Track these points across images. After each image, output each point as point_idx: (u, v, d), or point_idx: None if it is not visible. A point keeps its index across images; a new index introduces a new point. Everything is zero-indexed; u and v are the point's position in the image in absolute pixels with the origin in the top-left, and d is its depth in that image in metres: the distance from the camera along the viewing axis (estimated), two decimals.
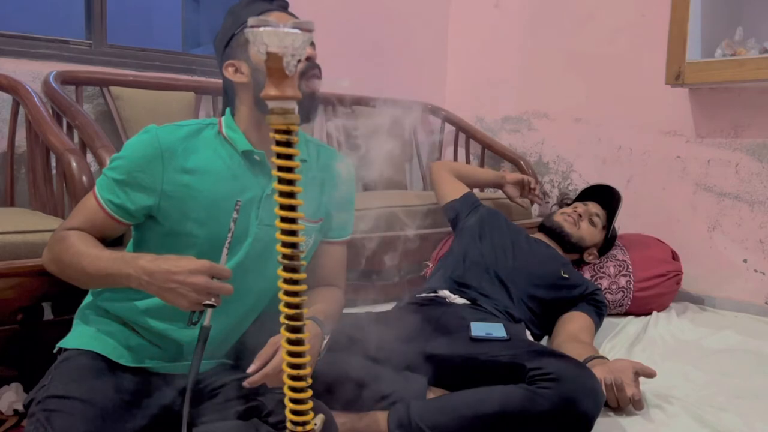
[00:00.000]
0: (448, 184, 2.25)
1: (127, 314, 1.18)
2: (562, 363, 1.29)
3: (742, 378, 1.69)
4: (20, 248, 1.47)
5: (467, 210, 2.14)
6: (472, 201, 2.18)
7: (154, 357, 1.18)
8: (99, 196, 1.16)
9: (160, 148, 1.14)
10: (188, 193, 1.15)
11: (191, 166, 1.16)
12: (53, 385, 1.07)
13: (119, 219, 1.17)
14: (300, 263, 0.92)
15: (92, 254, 1.10)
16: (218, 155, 1.19)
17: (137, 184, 1.14)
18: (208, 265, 1.01)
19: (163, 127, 1.18)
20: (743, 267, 2.42)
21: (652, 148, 2.66)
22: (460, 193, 2.21)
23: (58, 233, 1.17)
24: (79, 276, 1.12)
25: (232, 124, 1.21)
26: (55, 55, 2.25)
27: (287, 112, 0.86)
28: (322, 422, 1.00)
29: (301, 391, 0.94)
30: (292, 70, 0.85)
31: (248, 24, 0.80)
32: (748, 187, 2.40)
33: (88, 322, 1.21)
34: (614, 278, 2.28)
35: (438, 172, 2.30)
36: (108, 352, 1.14)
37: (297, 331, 0.92)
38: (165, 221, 1.17)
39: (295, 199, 0.89)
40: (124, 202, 1.15)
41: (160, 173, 1.14)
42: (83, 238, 1.15)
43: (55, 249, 1.15)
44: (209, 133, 1.20)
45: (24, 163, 2.02)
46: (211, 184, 1.16)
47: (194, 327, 1.07)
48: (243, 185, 1.18)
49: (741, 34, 2.30)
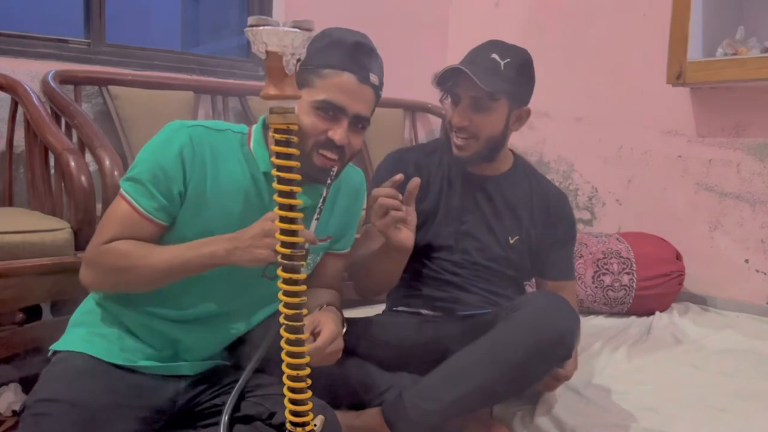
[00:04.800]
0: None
1: (131, 314, 1.18)
2: (532, 294, 1.37)
3: (744, 378, 1.68)
4: (19, 248, 1.47)
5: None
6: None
7: (149, 358, 1.17)
8: (134, 202, 1.10)
9: (192, 147, 1.11)
10: (204, 201, 1.12)
11: (214, 175, 1.13)
12: (43, 388, 1.06)
13: (155, 219, 1.11)
14: (300, 263, 0.92)
15: (157, 251, 1.08)
16: (241, 169, 1.15)
17: (167, 178, 1.10)
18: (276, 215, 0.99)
19: (194, 126, 1.14)
20: (744, 267, 2.41)
21: (653, 147, 2.65)
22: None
23: (97, 249, 1.11)
24: (145, 277, 1.08)
25: (260, 140, 1.18)
26: (54, 54, 2.25)
27: (287, 112, 0.86)
28: (322, 423, 1.00)
29: (301, 392, 0.93)
30: (292, 69, 0.85)
31: (248, 23, 0.79)
32: (750, 186, 2.39)
33: (80, 325, 1.19)
34: (617, 275, 2.27)
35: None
36: (100, 353, 1.12)
37: (297, 332, 0.92)
38: (180, 222, 1.13)
39: (294, 198, 0.89)
40: (160, 201, 1.10)
41: (188, 172, 1.11)
42: (134, 242, 1.10)
43: (105, 262, 1.10)
44: (236, 144, 1.16)
45: (22, 162, 2.01)
46: (227, 198, 1.14)
47: (269, 280, 1.02)
48: (257, 203, 1.15)
49: (742, 33, 2.29)
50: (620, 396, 1.53)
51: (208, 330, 1.21)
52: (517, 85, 1.41)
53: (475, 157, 1.45)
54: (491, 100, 1.40)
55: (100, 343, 1.14)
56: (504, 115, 1.43)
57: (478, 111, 1.41)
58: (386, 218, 1.22)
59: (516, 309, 1.28)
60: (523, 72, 1.43)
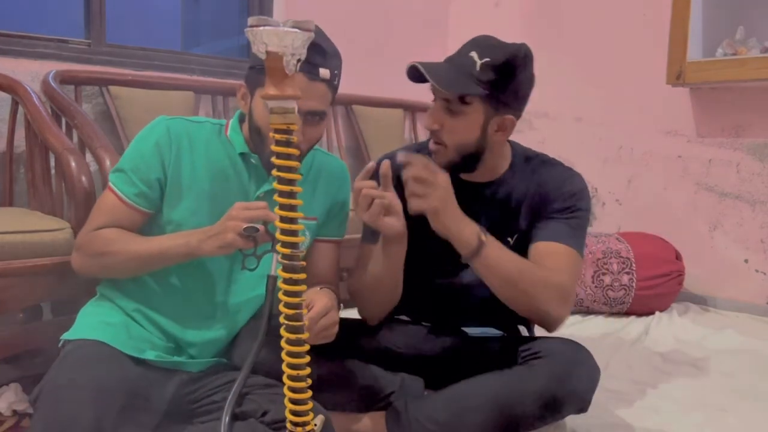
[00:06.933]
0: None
1: (135, 308, 1.24)
2: (553, 342, 1.27)
3: (743, 378, 1.68)
4: (19, 248, 1.47)
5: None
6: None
7: (156, 348, 1.21)
8: (117, 190, 1.21)
9: (169, 137, 1.22)
10: (184, 184, 1.22)
11: (191, 160, 1.23)
12: (59, 375, 1.08)
13: (139, 208, 1.22)
14: (300, 263, 0.92)
15: (139, 239, 1.19)
16: (218, 153, 1.25)
17: (147, 166, 1.21)
18: (245, 204, 1.11)
19: (174, 119, 1.25)
20: (744, 267, 2.41)
21: (653, 147, 2.65)
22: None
23: (86, 236, 1.22)
24: (128, 262, 1.18)
25: (236, 127, 1.28)
26: (54, 54, 2.25)
27: (287, 112, 0.86)
28: (322, 423, 1.00)
29: (301, 392, 0.93)
30: (292, 69, 0.85)
31: (248, 23, 0.79)
32: (749, 187, 2.39)
33: (89, 315, 1.24)
34: (617, 275, 2.27)
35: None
36: (110, 339, 1.16)
37: (297, 332, 0.92)
38: (165, 206, 1.22)
39: (295, 199, 0.89)
40: (140, 188, 1.21)
41: (165, 159, 1.21)
42: (119, 230, 1.21)
43: (94, 247, 1.21)
44: (214, 132, 1.27)
45: (23, 162, 2.01)
46: (206, 179, 1.23)
47: (249, 271, 1.12)
48: (237, 184, 1.25)
49: (742, 33, 2.29)
50: (620, 396, 1.53)
51: (207, 326, 1.25)
52: (495, 88, 1.23)
53: (450, 165, 1.28)
54: (461, 104, 1.24)
55: (110, 331, 1.18)
56: (478, 121, 1.25)
57: (448, 114, 1.26)
58: (373, 208, 1.17)
59: (536, 356, 1.22)
60: (506, 74, 1.23)
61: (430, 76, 1.22)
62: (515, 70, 1.24)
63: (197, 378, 1.23)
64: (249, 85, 1.22)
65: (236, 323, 1.27)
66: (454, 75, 1.23)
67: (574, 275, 1.29)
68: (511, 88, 1.25)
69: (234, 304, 1.25)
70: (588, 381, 1.22)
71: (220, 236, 1.09)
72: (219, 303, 1.25)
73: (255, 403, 1.12)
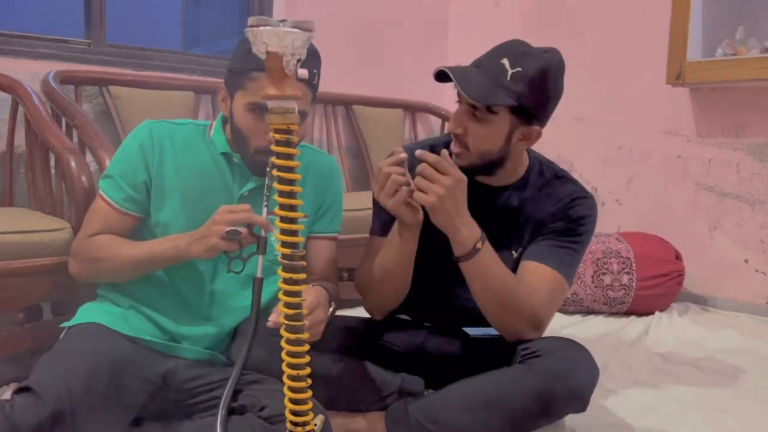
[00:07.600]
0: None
1: (131, 305, 1.27)
2: (553, 341, 1.27)
3: (743, 378, 1.69)
4: (19, 248, 1.47)
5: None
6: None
7: (153, 335, 1.25)
8: (106, 197, 1.25)
9: (152, 139, 1.25)
10: (169, 185, 1.25)
11: (174, 161, 1.26)
12: (58, 347, 1.16)
13: (129, 212, 1.25)
14: (300, 263, 0.92)
15: (131, 244, 1.23)
16: (201, 153, 1.29)
17: (133, 170, 1.24)
18: (229, 207, 1.14)
19: (157, 122, 1.29)
20: (744, 267, 2.41)
21: (652, 147, 2.65)
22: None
23: (81, 242, 1.26)
24: (121, 267, 1.22)
25: (219, 128, 1.31)
26: (54, 54, 2.25)
27: (287, 112, 0.86)
28: (322, 423, 1.00)
29: (301, 391, 0.93)
30: (292, 69, 0.85)
31: (248, 23, 0.79)
32: (749, 187, 2.39)
33: (90, 308, 1.29)
34: (617, 275, 2.27)
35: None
36: (108, 321, 1.22)
37: (297, 332, 0.92)
38: (152, 207, 1.26)
39: (295, 198, 0.89)
40: (128, 192, 1.24)
41: (149, 161, 1.25)
42: (112, 236, 1.25)
43: (89, 253, 1.24)
44: (198, 133, 1.31)
45: (23, 162, 2.01)
46: (190, 179, 1.26)
47: (235, 274, 1.15)
48: (221, 184, 1.28)
49: (742, 33, 2.29)
50: (620, 396, 1.53)
51: (197, 322, 1.27)
52: (524, 99, 1.21)
53: (471, 168, 1.27)
54: (488, 112, 1.22)
55: (109, 318, 1.24)
56: (504, 130, 1.25)
57: (473, 119, 1.24)
58: (399, 195, 1.16)
59: (536, 355, 1.22)
60: (538, 85, 1.22)
61: (459, 84, 1.20)
62: (547, 83, 1.23)
63: (193, 365, 1.24)
64: (228, 87, 1.23)
65: (225, 320, 1.28)
66: (483, 83, 1.21)
67: (554, 303, 1.31)
68: (540, 99, 1.24)
69: (220, 302, 1.28)
70: (587, 380, 1.22)
71: (205, 240, 1.12)
72: (206, 301, 1.27)
73: (253, 398, 1.13)
